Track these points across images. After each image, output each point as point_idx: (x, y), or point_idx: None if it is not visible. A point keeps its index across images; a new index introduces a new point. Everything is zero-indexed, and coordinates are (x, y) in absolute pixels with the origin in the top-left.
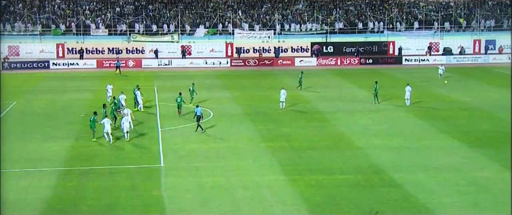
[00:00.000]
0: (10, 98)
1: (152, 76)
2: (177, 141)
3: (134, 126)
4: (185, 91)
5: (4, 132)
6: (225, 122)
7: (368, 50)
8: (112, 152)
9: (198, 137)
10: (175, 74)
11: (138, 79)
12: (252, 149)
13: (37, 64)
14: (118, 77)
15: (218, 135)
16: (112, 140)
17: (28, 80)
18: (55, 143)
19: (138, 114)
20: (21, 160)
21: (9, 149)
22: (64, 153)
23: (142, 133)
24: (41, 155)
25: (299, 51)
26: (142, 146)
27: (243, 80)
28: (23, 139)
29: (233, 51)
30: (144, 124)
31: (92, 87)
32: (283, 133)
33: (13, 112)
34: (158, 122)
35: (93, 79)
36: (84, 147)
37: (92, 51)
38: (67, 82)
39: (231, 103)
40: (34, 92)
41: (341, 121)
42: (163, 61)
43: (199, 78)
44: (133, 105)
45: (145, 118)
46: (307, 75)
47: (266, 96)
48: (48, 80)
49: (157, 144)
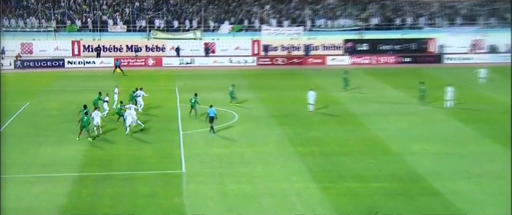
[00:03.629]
0: (22, 99)
1: (173, 76)
2: (200, 145)
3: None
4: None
5: (17, 135)
6: (250, 125)
7: (405, 48)
8: (131, 157)
9: (222, 141)
10: (197, 73)
11: (158, 79)
12: (280, 154)
13: (51, 62)
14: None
15: (243, 138)
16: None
17: (42, 79)
18: (70, 147)
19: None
20: (34, 164)
21: (22, 152)
22: (79, 157)
23: (162, 136)
24: (55, 160)
25: (331, 49)
26: (162, 151)
27: (270, 80)
28: (36, 142)
29: (260, 49)
30: (164, 126)
31: (109, 88)
32: (313, 136)
33: (26, 113)
34: (179, 124)
35: (110, 79)
36: (100, 151)
37: (109, 48)
38: (83, 82)
39: (257, 104)
40: (48, 93)
41: (376, 124)
42: (185, 60)
43: (223, 78)
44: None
45: (165, 120)
46: (338, 74)
47: (295, 97)
48: (63, 80)
49: (178, 148)
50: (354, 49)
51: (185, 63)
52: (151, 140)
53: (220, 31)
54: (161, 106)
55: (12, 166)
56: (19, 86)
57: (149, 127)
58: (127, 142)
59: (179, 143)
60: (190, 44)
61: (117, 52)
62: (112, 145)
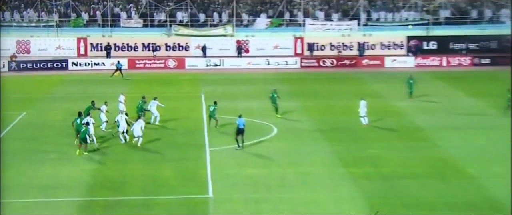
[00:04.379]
0: (18, 108)
1: (198, 80)
2: (231, 165)
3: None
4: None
5: (11, 152)
6: (292, 140)
7: (483, 47)
8: (147, 178)
9: (257, 160)
10: (227, 77)
11: (181, 84)
12: (328, 176)
13: (53, 64)
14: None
15: (283, 157)
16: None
17: (41, 84)
18: (75, 166)
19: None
20: (32, 187)
21: (17, 173)
22: (85, 178)
23: (185, 153)
24: (57, 181)
25: (390, 47)
26: (185, 171)
27: (316, 86)
28: (34, 160)
29: (303, 48)
30: (188, 142)
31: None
32: (369, 155)
33: (22, 125)
34: (205, 139)
35: (123, 84)
36: (111, 171)
37: (122, 47)
38: (90, 87)
39: (300, 116)
40: (48, 101)
41: (447, 141)
42: (213, 61)
43: (259, 83)
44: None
45: (189, 134)
46: (400, 79)
47: (346, 107)
48: (66, 85)
49: (204, 168)
50: (420, 48)
51: (212, 65)
52: (172, 157)
53: (255, 27)
54: (183, 118)
55: (5, 189)
56: (14, 92)
57: (169, 142)
58: (142, 160)
59: (206, 162)
60: (219, 42)
61: (131, 51)
62: (124, 163)
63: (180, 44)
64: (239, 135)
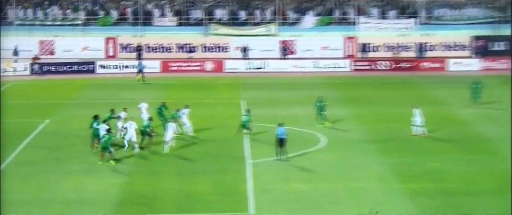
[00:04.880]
0: (40, 115)
1: (238, 85)
2: (274, 179)
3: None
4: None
5: (32, 163)
6: (341, 152)
7: None
8: (181, 193)
9: (303, 174)
10: (271, 81)
11: (219, 89)
12: (382, 192)
13: (78, 66)
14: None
15: (332, 170)
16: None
17: (66, 89)
18: (102, 178)
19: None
20: (54, 202)
21: (39, 186)
22: (113, 193)
23: (224, 166)
24: (81, 196)
25: (453, 49)
26: (223, 185)
27: (369, 92)
28: (58, 172)
29: (355, 49)
30: (226, 153)
31: (154, 99)
32: (428, 169)
33: (45, 133)
34: (246, 150)
35: (155, 89)
36: (142, 185)
37: (154, 48)
38: (119, 92)
39: (351, 124)
40: (74, 107)
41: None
42: (255, 63)
43: (306, 88)
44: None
45: (228, 145)
46: (464, 84)
47: (402, 115)
48: (93, 90)
49: (244, 182)
50: (487, 49)
51: (254, 68)
52: (208, 170)
53: (302, 25)
54: (221, 126)
55: (25, 204)
56: (36, 98)
57: (206, 153)
58: (176, 172)
59: (246, 175)
60: (262, 42)
61: (164, 53)
62: (156, 176)
63: (218, 45)
64: (280, 145)
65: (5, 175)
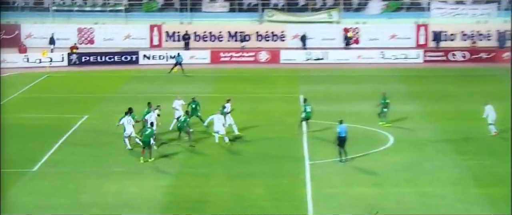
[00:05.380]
0: (78, 111)
1: (296, 77)
2: (336, 182)
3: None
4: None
5: (69, 163)
6: (412, 153)
7: None
8: (233, 197)
9: (368, 177)
10: (332, 74)
11: (274, 82)
12: (457, 198)
13: (120, 57)
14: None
15: (401, 173)
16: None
17: (106, 82)
18: (145, 181)
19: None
20: (94, 206)
21: (77, 188)
22: (158, 196)
23: (280, 168)
24: (123, 199)
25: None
26: (278, 188)
27: (443, 86)
28: (97, 172)
29: (427, 38)
30: (283, 153)
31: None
32: None
33: (83, 131)
34: (304, 150)
35: (203, 82)
36: (189, 188)
37: (203, 37)
38: (164, 85)
39: (423, 122)
40: (115, 101)
41: None
42: (314, 54)
43: (371, 81)
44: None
45: (284, 144)
46: None
47: (481, 112)
48: (136, 82)
49: (303, 186)
50: None
51: (314, 59)
52: (263, 172)
53: (367, 12)
54: (277, 123)
55: (62, 208)
56: (74, 91)
57: (260, 154)
58: (227, 174)
59: (304, 178)
60: (323, 30)
61: (214, 41)
62: (206, 179)
63: (274, 33)
64: (341, 145)
65: (39, 176)
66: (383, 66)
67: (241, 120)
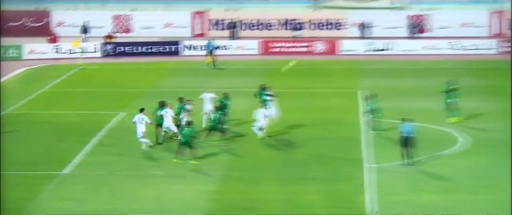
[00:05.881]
0: (113, 107)
1: (355, 70)
2: (399, 187)
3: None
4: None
5: (104, 165)
6: (487, 156)
7: None
8: (285, 203)
9: (436, 182)
10: (397, 66)
11: (331, 75)
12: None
13: (160, 47)
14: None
15: (473, 179)
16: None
17: (144, 75)
18: (187, 185)
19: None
20: (131, 211)
21: (112, 193)
22: (201, 202)
23: (337, 171)
24: (163, 206)
25: None
26: (335, 194)
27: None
28: (134, 176)
29: (501, 26)
30: (340, 155)
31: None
32: None
33: (119, 129)
34: (363, 152)
35: (253, 75)
36: (236, 193)
37: (251, 25)
38: (209, 79)
39: (499, 121)
40: (154, 97)
41: None
42: (376, 44)
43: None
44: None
45: (342, 144)
46: None
47: None
48: (177, 76)
49: (362, 192)
50: None
51: (375, 50)
52: (318, 176)
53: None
54: (334, 122)
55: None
56: (108, 85)
57: (315, 155)
58: (278, 178)
59: (364, 183)
60: (386, 17)
61: (263, 30)
62: (254, 183)
63: (331, 21)
64: (405, 146)
65: (70, 180)
66: (453, 58)
67: (294, 118)
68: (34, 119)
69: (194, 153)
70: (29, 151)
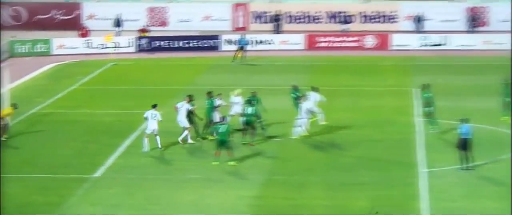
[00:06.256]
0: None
1: (408, 67)
2: (456, 194)
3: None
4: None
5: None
6: None
7: None
8: (332, 210)
9: (496, 189)
10: (454, 62)
11: (383, 72)
12: None
13: (198, 41)
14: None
15: None
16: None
17: (181, 71)
18: (227, 190)
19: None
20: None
21: (147, 198)
22: (242, 208)
23: (390, 175)
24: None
25: None
26: (387, 201)
27: None
28: (170, 180)
29: None
30: (394, 158)
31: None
32: None
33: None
34: (418, 155)
35: (298, 72)
36: (279, 198)
37: (296, 18)
38: (250, 76)
39: None
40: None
41: None
42: (432, 38)
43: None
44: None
45: (395, 147)
46: None
47: None
48: (216, 72)
49: (416, 198)
50: None
51: (431, 45)
52: (368, 181)
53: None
54: (386, 122)
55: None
56: (142, 82)
57: (365, 158)
58: (325, 183)
59: (418, 189)
60: (442, 10)
61: (310, 24)
62: (299, 188)
63: (382, 14)
64: (463, 149)
65: (102, 184)
66: None
67: (342, 118)
68: (63, 118)
69: (232, 153)
70: (57, 153)
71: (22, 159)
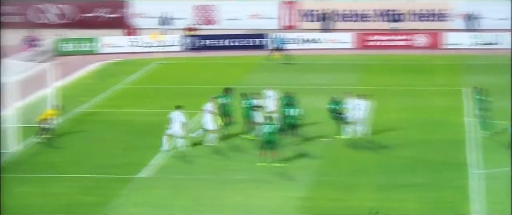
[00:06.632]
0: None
1: (460, 67)
2: (508, 197)
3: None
4: None
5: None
6: None
7: None
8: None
9: None
10: (507, 62)
11: (433, 71)
12: None
13: (245, 40)
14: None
15: None
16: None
17: (228, 70)
18: (274, 191)
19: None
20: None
21: (192, 199)
22: (290, 210)
23: (441, 176)
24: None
25: None
26: (437, 203)
27: None
28: (216, 180)
29: None
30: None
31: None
32: None
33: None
34: (469, 156)
35: (347, 71)
36: (329, 200)
37: (346, 15)
38: (299, 75)
39: None
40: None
41: None
42: (484, 37)
43: None
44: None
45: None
46: None
47: None
48: (263, 71)
49: (468, 201)
50: None
51: (483, 43)
52: (418, 182)
53: None
54: (437, 123)
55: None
56: (188, 82)
57: (416, 159)
58: (376, 185)
59: (470, 192)
60: (496, 7)
61: (358, 21)
62: (347, 189)
63: (433, 11)
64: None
65: (147, 184)
66: None
67: (392, 118)
68: (108, 118)
69: (278, 154)
70: (102, 153)
71: (67, 159)
